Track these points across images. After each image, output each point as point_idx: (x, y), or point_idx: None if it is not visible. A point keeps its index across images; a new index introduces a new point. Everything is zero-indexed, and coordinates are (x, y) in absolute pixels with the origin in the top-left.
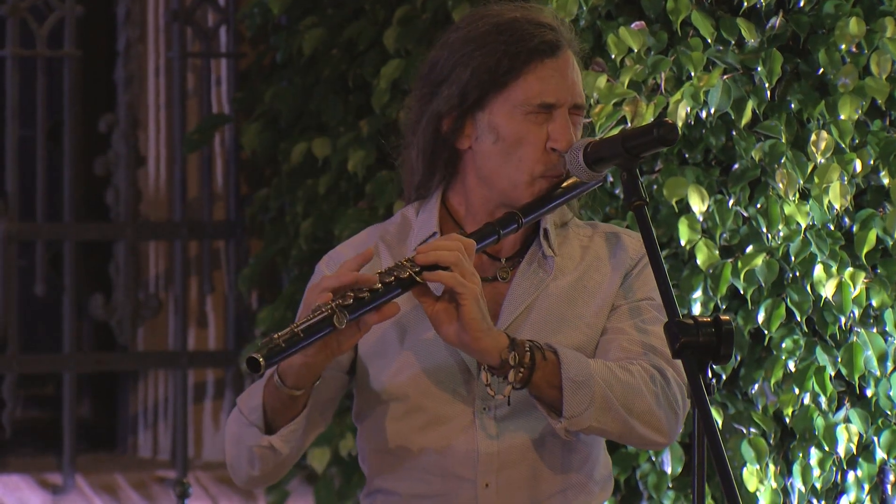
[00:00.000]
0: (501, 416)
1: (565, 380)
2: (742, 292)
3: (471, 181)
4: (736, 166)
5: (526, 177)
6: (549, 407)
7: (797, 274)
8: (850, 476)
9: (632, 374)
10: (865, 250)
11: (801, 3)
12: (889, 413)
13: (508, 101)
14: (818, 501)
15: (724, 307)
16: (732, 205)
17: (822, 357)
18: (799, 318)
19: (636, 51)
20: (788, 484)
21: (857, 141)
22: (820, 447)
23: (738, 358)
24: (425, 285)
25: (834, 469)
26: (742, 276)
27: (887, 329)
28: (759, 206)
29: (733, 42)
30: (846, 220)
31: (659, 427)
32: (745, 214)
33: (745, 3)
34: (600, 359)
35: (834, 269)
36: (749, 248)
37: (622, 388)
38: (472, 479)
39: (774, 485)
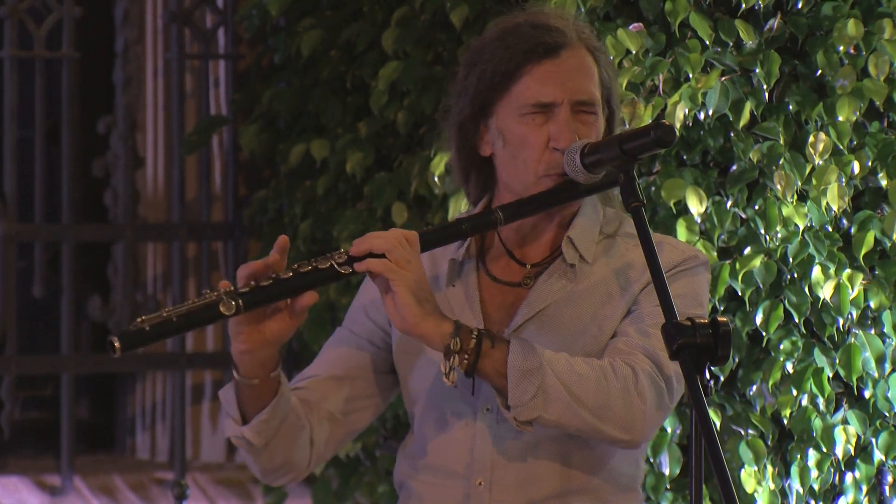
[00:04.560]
0: (504, 416)
1: (510, 367)
2: (740, 293)
3: (502, 185)
4: (734, 168)
5: (531, 177)
6: (503, 396)
7: (795, 275)
8: (848, 477)
9: (593, 367)
10: (863, 252)
11: (800, 5)
12: (887, 414)
13: (510, 104)
14: (816, 503)
15: (721, 308)
16: (730, 206)
17: (820, 358)
18: (797, 320)
19: (634, 52)
20: (786, 485)
21: (855, 142)
22: (818, 448)
23: (736, 359)
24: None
25: (832, 470)
26: (740, 278)
27: (885, 330)
28: (757, 207)
29: (731, 44)
30: (844, 221)
31: (618, 423)
32: (744, 216)
33: (744, 5)
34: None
35: (832, 271)
36: (747, 250)
37: (578, 380)
38: (466, 477)
39: (772, 486)
